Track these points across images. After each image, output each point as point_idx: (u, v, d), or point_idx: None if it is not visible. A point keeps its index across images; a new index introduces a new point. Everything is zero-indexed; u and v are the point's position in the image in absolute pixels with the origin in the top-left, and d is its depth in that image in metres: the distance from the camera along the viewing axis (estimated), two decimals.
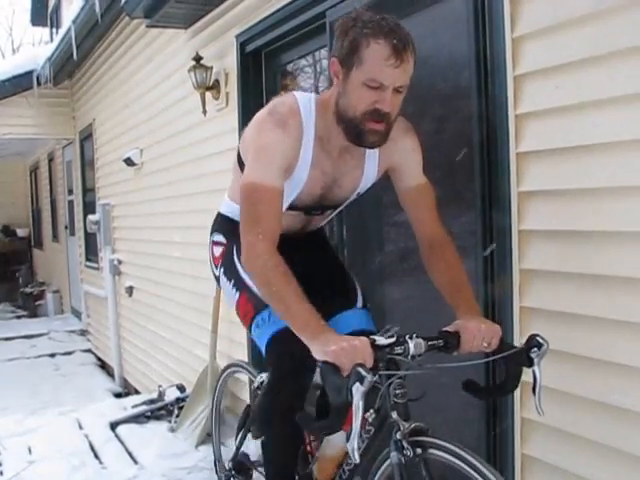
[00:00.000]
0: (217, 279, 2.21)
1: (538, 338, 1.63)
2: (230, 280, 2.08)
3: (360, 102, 1.71)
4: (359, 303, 2.17)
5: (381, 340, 1.57)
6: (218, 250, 2.19)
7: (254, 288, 1.95)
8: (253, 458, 2.54)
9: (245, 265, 1.74)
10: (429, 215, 1.93)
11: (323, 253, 2.33)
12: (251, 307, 1.98)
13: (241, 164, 1.99)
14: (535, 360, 1.62)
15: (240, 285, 2.03)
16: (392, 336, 1.59)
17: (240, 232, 1.78)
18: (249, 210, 1.77)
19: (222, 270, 2.14)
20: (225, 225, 2.20)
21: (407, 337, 1.60)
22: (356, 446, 1.47)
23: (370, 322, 2.13)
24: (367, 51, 1.66)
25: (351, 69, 1.71)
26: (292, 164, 1.83)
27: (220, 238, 2.20)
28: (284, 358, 1.92)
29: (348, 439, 1.48)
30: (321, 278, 2.15)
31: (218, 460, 2.91)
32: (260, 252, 1.70)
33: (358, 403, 1.43)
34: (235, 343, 4.11)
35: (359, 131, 1.76)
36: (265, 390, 2.15)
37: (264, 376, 2.33)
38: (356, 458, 1.49)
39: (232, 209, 2.16)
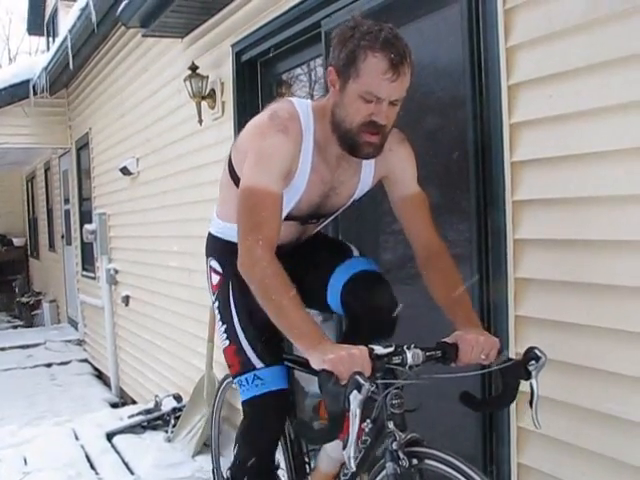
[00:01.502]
0: (213, 304, 2.19)
1: (536, 351, 1.62)
2: (223, 323, 2.08)
3: (356, 114, 1.71)
4: (355, 252, 2.17)
5: (379, 349, 1.57)
6: (216, 279, 2.16)
7: (244, 342, 2.00)
8: None
9: (242, 271, 1.71)
10: (424, 224, 1.92)
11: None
12: (237, 363, 2.01)
13: (232, 175, 1.96)
14: (533, 373, 1.61)
15: (231, 335, 2.04)
16: (390, 346, 1.59)
17: (238, 237, 1.75)
18: (249, 215, 1.73)
19: (217, 304, 2.12)
20: (219, 249, 2.17)
21: (405, 347, 1.59)
22: (352, 454, 1.46)
23: (373, 264, 2.11)
24: (364, 64, 1.65)
25: (348, 80, 1.70)
26: (292, 170, 1.81)
27: (216, 266, 2.16)
28: (254, 430, 2.03)
29: (345, 447, 1.48)
30: (316, 248, 2.16)
31: (217, 469, 2.90)
32: (259, 258, 1.67)
33: (355, 411, 1.42)
34: None
35: (354, 142, 1.75)
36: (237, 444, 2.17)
37: None
38: (352, 466, 1.48)
39: (224, 230, 2.13)
